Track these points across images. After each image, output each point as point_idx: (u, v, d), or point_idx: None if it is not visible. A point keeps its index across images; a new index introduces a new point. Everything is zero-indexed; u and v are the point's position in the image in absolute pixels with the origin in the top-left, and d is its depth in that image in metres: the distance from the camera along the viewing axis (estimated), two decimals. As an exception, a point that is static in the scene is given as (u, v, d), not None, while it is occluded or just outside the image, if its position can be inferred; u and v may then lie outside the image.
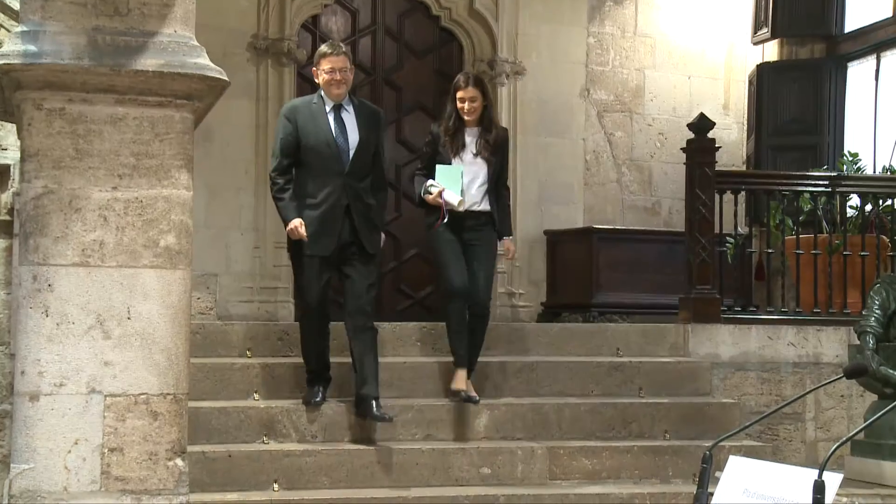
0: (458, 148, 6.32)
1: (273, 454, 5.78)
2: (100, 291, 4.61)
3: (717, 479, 3.12)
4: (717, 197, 7.33)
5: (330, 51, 6.03)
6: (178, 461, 4.72)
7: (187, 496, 4.76)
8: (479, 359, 6.39)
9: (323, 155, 5.99)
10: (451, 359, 6.34)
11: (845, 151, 8.54)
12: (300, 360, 6.35)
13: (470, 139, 6.36)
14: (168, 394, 4.71)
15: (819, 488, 2.71)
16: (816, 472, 2.78)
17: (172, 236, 4.74)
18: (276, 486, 5.67)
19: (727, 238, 7.75)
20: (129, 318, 4.64)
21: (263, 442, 5.97)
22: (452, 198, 6.15)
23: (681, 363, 7.00)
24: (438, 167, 6.26)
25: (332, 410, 6.08)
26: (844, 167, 8.09)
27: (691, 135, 7.41)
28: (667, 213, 9.53)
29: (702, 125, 7.38)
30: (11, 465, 4.62)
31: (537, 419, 6.34)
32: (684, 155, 7.49)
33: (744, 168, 9.59)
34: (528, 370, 6.72)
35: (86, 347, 4.60)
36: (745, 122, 9.82)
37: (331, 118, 6.04)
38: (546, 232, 8.99)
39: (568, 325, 7.84)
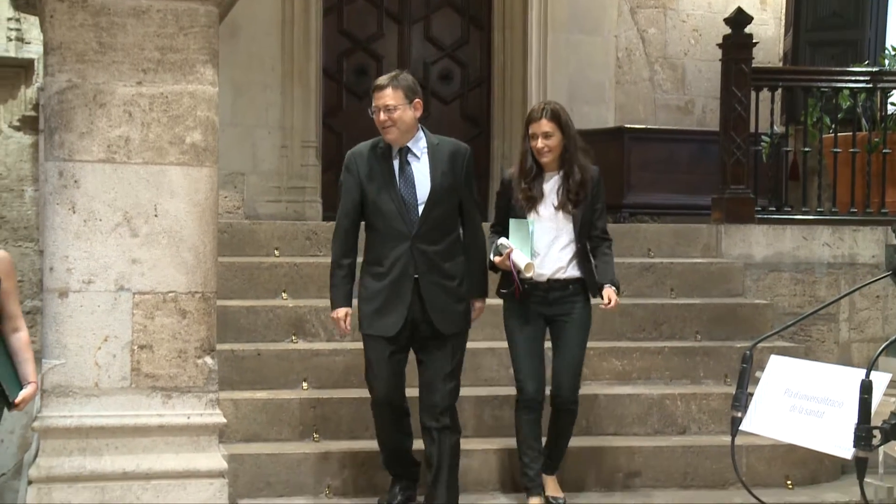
0: (535, 199, 4.91)
1: (302, 353, 5.78)
2: (126, 188, 4.56)
3: (757, 379, 3.06)
4: (753, 94, 7.16)
5: (375, 84, 4.79)
6: (208, 359, 4.72)
7: (216, 394, 4.77)
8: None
9: (386, 213, 4.71)
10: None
11: (887, 46, 8.29)
12: (328, 259, 6.32)
13: (549, 187, 4.93)
14: (196, 292, 4.69)
15: (867, 388, 2.64)
16: (861, 371, 2.71)
17: (198, 133, 4.67)
18: (304, 384, 5.68)
19: (762, 137, 7.59)
20: (156, 216, 4.60)
21: (292, 341, 5.97)
22: (520, 260, 4.79)
23: (713, 264, 6.91)
24: (511, 221, 4.91)
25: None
26: (886, 62, 7.86)
27: (726, 31, 7.20)
28: (700, 112, 9.34)
29: (739, 20, 7.16)
30: (43, 361, 4.63)
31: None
32: (719, 52, 7.30)
33: (781, 65, 9.35)
34: (557, 270, 6.64)
35: (113, 245, 4.57)
36: (783, 18, 9.55)
37: (395, 166, 4.74)
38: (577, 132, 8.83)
39: (599, 226, 7.74)
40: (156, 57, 4.50)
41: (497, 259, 4.86)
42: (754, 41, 7.24)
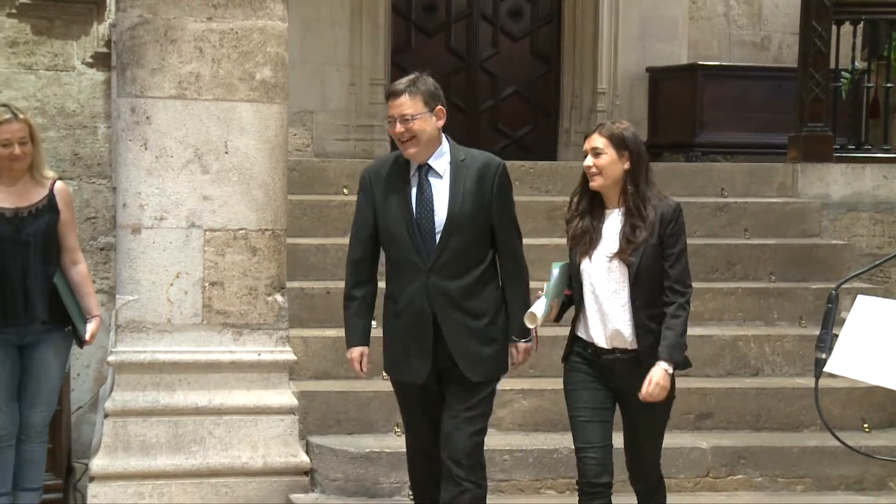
0: (591, 241, 3.82)
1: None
2: (197, 125, 4.57)
3: (842, 320, 2.97)
4: (833, 28, 6.93)
5: (389, 90, 3.97)
6: (278, 296, 4.74)
7: (287, 331, 4.80)
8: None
9: (400, 242, 3.90)
10: None
11: (976, -22, 7.97)
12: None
13: (609, 227, 3.82)
14: (266, 229, 4.70)
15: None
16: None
17: (268, 69, 4.65)
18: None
19: (842, 73, 7.36)
20: (226, 153, 4.61)
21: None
22: (538, 309, 3.83)
23: (789, 204, 6.76)
24: (556, 265, 3.96)
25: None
26: (975, -6, 7.55)
27: (808, -38, 6.97)
28: (776, 48, 9.08)
29: (821, -50, 6.92)
30: (117, 296, 4.70)
31: (638, 260, 6.21)
32: (799, -15, 7.07)
33: (863, -1, 9.04)
34: (628, 210, 6.56)
35: (185, 181, 4.59)
36: (866, -51, 9.22)
37: (413, 185, 3.91)
38: (648, 69, 8.65)
39: (670, 165, 7.61)
40: (226, -8, 4.48)
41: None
42: (836, -27, 7.00)
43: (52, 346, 4.48)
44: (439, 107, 3.88)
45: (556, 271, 3.86)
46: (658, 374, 3.70)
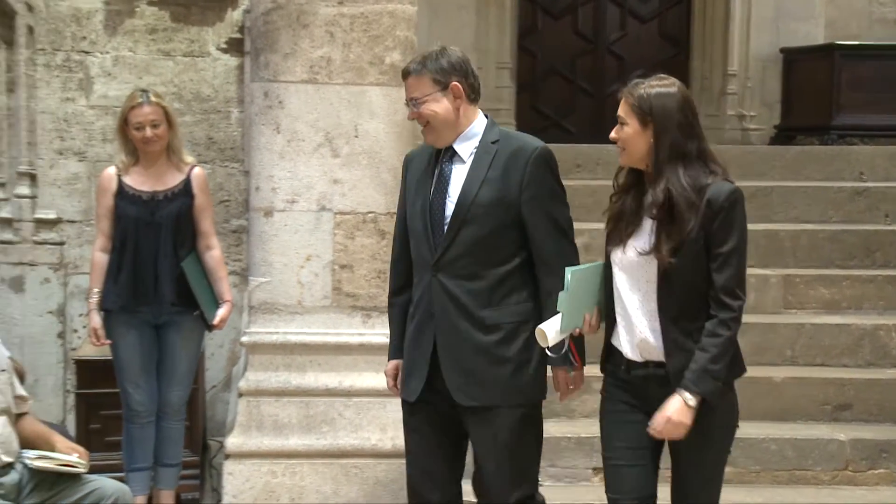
0: (628, 226, 3.14)
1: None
2: (328, 109, 4.60)
3: None
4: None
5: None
6: (407, 279, 4.75)
7: (417, 313, 4.81)
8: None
9: (416, 233, 3.42)
10: None
11: None
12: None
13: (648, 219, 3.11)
14: (394, 213, 4.71)
15: None
16: None
17: (398, 53, 4.65)
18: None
19: None
20: (356, 137, 4.63)
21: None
22: (549, 324, 3.15)
23: (932, 188, 6.50)
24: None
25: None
26: None
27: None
28: (920, 26, 8.73)
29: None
30: (249, 278, 4.77)
31: (771, 246, 6.03)
32: (946, -41, 6.76)
33: None
34: (761, 195, 6.38)
35: (315, 165, 4.63)
36: None
37: (437, 172, 3.41)
38: (782, 50, 8.40)
39: (805, 148, 7.38)
40: (357, -24, 4.49)
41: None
42: None
43: (185, 328, 4.59)
44: (454, 82, 3.30)
45: (569, 276, 3.08)
46: (673, 407, 2.96)
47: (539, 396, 3.36)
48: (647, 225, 3.05)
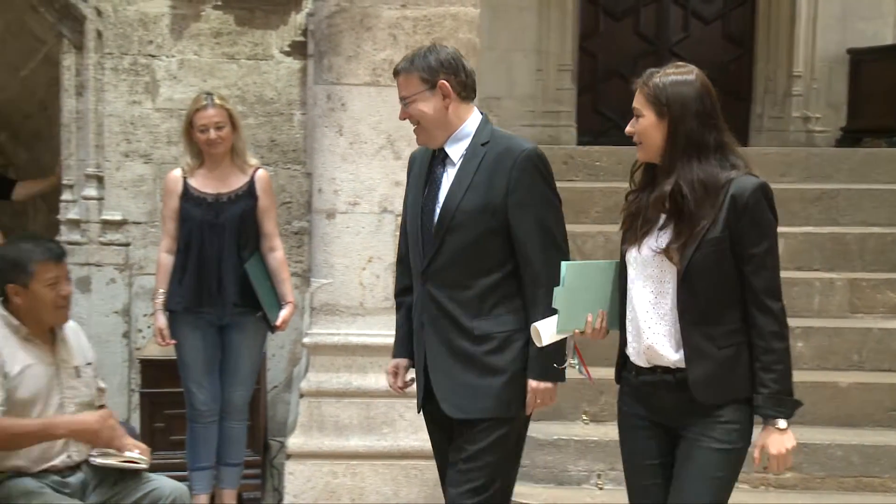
0: (643, 224, 2.95)
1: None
2: (389, 111, 4.61)
3: None
4: None
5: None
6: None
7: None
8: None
9: (410, 240, 3.33)
10: None
11: None
12: (585, 184, 6.23)
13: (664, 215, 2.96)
14: (457, 215, 4.72)
15: None
16: None
17: (460, 55, 4.65)
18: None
19: None
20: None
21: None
22: (545, 323, 2.98)
23: None
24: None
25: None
26: None
27: None
28: None
29: None
30: (311, 280, 4.80)
31: (837, 249, 5.94)
32: None
33: None
34: (827, 198, 6.29)
35: (378, 167, 4.65)
36: None
37: (430, 176, 3.29)
38: (849, 50, 8.27)
39: (873, 151, 7.26)
40: (420, -21, 4.51)
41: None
42: None
43: (248, 329, 4.63)
44: (442, 80, 3.15)
45: (566, 270, 2.89)
46: (772, 443, 2.80)
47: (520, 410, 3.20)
48: (663, 222, 2.87)
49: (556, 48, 8.13)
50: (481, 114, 3.25)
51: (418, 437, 4.61)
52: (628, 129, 2.93)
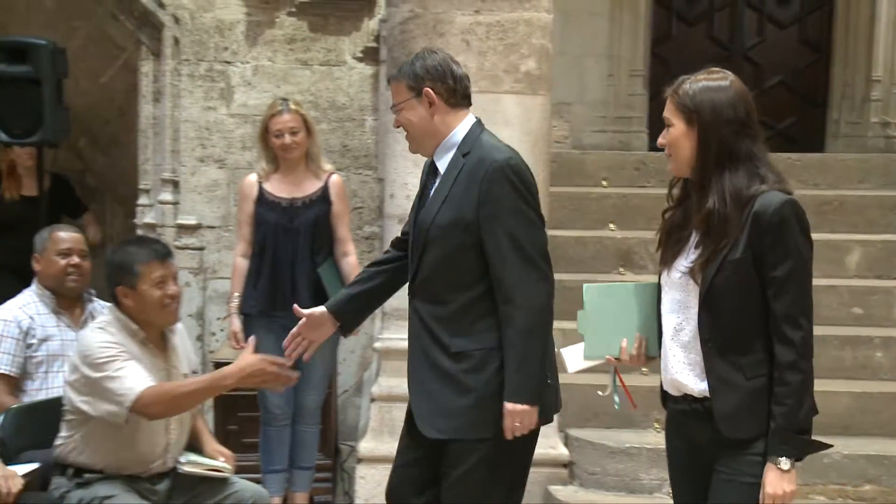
0: (678, 243, 2.79)
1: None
2: (463, 117, 4.61)
3: None
4: None
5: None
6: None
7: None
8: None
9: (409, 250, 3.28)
10: None
11: None
12: (657, 190, 6.16)
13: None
14: (529, 221, 4.70)
15: None
16: None
17: (533, 61, 4.64)
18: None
19: None
20: (490, 144, 4.63)
21: (619, 272, 5.89)
22: (571, 350, 2.97)
23: None
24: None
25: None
26: None
27: None
28: None
29: None
30: (383, 285, 4.80)
31: (918, 256, 5.84)
32: None
33: None
34: (907, 204, 6.19)
35: (450, 173, 4.65)
36: None
37: (426, 186, 3.25)
38: (934, 51, 8.10)
39: (956, 160, 7.11)
40: (493, -16, 4.51)
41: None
42: None
43: (321, 333, 4.65)
44: (426, 88, 3.05)
45: (588, 293, 2.78)
46: (769, 479, 2.59)
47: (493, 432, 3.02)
48: (694, 241, 2.70)
49: (628, 53, 8.06)
50: (476, 119, 3.14)
51: (489, 443, 4.60)
52: (659, 140, 2.77)
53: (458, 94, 3.10)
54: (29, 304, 4.04)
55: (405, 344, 4.66)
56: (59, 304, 4.07)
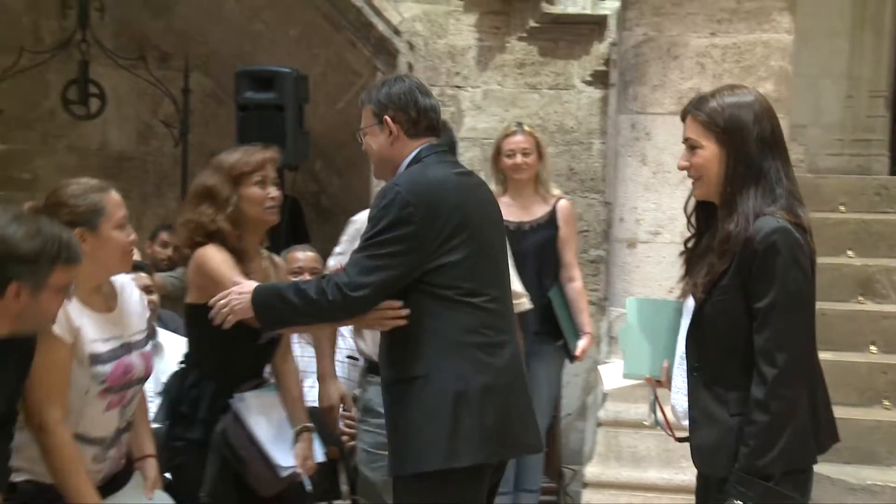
0: (694, 277, 2.67)
1: (870, 314, 5.46)
2: (695, 141, 4.55)
3: None
4: None
5: None
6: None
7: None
8: None
9: None
10: None
11: None
12: (900, 216, 5.89)
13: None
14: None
15: None
16: None
17: (770, 83, 4.54)
18: (873, 347, 5.34)
19: None
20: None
21: (859, 301, 5.64)
22: (610, 368, 2.89)
23: None
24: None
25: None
26: None
27: None
28: None
29: None
30: (609, 309, 4.80)
31: None
32: None
33: None
34: None
35: (680, 197, 4.48)
36: None
37: None
38: None
39: None
40: (731, 6, 4.45)
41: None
42: None
43: (547, 357, 4.67)
44: (387, 116, 2.95)
45: (631, 306, 2.63)
46: None
47: (451, 462, 2.75)
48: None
49: (869, 73, 7.73)
50: (427, 145, 2.97)
51: (718, 474, 4.49)
52: (681, 162, 2.62)
53: (419, 125, 2.98)
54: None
55: (632, 369, 4.65)
56: None
